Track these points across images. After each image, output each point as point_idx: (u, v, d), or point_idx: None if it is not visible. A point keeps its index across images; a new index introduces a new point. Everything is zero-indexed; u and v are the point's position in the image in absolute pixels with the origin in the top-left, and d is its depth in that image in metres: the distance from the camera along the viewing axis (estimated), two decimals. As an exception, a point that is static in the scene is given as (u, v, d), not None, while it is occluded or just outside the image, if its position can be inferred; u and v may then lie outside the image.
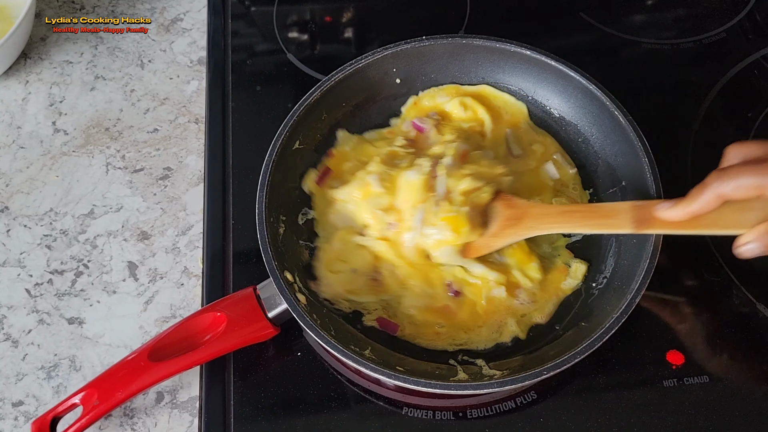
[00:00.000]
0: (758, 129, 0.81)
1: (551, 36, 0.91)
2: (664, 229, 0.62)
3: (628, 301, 0.62)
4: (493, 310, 0.69)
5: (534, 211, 0.68)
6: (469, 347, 0.68)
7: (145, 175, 0.83)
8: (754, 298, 0.70)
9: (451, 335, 0.68)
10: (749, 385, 0.66)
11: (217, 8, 0.95)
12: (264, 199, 0.68)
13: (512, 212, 0.69)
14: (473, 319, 0.69)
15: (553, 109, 0.79)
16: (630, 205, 0.64)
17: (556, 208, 0.69)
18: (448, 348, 0.68)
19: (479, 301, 0.69)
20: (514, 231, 0.68)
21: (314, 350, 0.68)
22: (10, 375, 0.70)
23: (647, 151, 0.69)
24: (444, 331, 0.68)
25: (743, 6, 0.92)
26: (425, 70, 0.80)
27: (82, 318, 0.73)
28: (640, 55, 0.89)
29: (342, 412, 0.65)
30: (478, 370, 0.65)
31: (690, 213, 0.59)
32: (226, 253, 0.74)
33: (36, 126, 0.87)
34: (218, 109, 0.85)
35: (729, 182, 0.56)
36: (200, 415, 0.66)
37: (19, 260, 0.77)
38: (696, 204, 0.58)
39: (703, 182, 0.58)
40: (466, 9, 0.93)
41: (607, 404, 0.65)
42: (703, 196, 0.57)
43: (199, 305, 0.73)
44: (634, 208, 0.63)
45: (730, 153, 0.61)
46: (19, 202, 0.81)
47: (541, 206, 0.69)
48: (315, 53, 0.91)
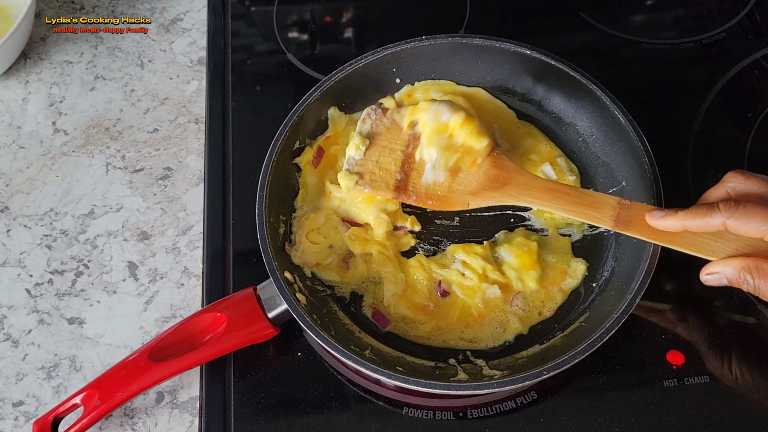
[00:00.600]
0: (758, 129, 0.81)
1: (551, 36, 0.91)
2: (640, 235, 0.62)
3: (628, 301, 0.62)
4: (489, 312, 0.69)
5: (521, 179, 0.68)
6: (475, 347, 0.68)
7: (145, 175, 0.83)
8: (754, 298, 0.70)
9: (443, 335, 0.69)
10: (749, 385, 0.66)
11: (217, 8, 0.95)
12: (264, 199, 0.68)
13: (498, 173, 0.68)
14: (464, 320, 0.69)
15: (553, 109, 0.79)
16: (616, 202, 0.64)
17: (544, 182, 0.68)
18: (450, 346, 0.68)
19: (474, 303, 0.69)
20: (495, 195, 0.68)
21: (314, 350, 0.68)
22: (10, 375, 0.70)
23: (647, 151, 0.69)
24: (432, 328, 0.69)
25: (743, 6, 0.92)
26: (425, 69, 0.80)
27: (82, 318, 0.73)
28: (640, 55, 0.89)
29: (342, 412, 0.65)
30: (478, 370, 0.65)
31: (685, 227, 0.59)
32: (226, 253, 0.74)
33: (36, 126, 0.87)
34: (218, 109, 0.85)
35: (741, 219, 0.56)
36: (200, 415, 0.66)
37: (19, 260, 0.77)
38: (697, 221, 0.58)
39: (713, 205, 0.57)
40: (466, 9, 0.93)
41: (607, 404, 0.65)
42: (709, 218, 0.57)
43: (199, 305, 0.73)
44: (619, 205, 0.63)
45: (731, 181, 0.61)
46: (19, 202, 0.81)
47: (528, 176, 0.68)
48: (315, 53, 0.91)
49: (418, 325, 0.69)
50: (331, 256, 0.72)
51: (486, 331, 0.69)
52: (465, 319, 0.69)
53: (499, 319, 0.69)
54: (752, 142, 0.80)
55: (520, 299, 0.69)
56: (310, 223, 0.73)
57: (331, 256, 0.72)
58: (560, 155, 0.77)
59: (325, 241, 0.72)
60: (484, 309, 0.69)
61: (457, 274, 0.70)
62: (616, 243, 0.71)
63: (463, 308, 0.69)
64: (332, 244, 0.72)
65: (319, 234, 0.73)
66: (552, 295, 0.70)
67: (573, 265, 0.71)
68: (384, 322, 0.69)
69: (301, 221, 0.73)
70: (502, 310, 0.69)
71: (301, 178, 0.76)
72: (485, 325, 0.69)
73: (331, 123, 0.78)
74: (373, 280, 0.72)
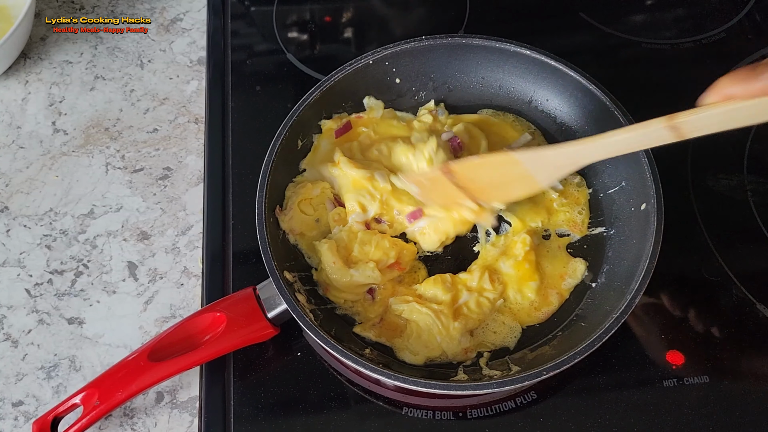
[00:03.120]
0: (758, 129, 0.81)
1: (551, 36, 0.91)
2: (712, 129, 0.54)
3: (628, 301, 0.62)
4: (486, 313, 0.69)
5: (572, 150, 0.62)
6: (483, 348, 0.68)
7: (145, 175, 0.83)
8: (754, 298, 0.70)
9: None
10: (749, 385, 0.66)
11: (216, 8, 0.95)
12: (264, 199, 0.68)
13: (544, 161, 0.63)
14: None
15: (553, 109, 0.79)
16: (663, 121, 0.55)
17: (595, 139, 0.61)
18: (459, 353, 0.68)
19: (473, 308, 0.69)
20: (558, 170, 0.64)
21: (314, 350, 0.68)
22: (10, 375, 0.70)
23: (647, 151, 0.69)
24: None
25: (743, 6, 0.92)
26: (425, 70, 0.80)
27: (82, 318, 0.73)
28: (640, 55, 0.89)
29: (342, 412, 0.65)
30: (478, 370, 0.65)
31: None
32: (226, 253, 0.74)
33: (36, 126, 0.87)
34: (218, 109, 0.85)
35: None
36: (200, 415, 0.66)
37: (19, 260, 0.77)
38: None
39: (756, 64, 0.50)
40: (466, 9, 0.93)
41: (607, 404, 0.65)
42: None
43: (199, 305, 0.73)
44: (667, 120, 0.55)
45: (721, 82, 0.53)
46: (19, 202, 0.81)
47: (579, 143, 0.62)
48: (315, 53, 0.91)
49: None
50: (315, 229, 0.73)
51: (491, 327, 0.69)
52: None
53: (497, 320, 0.69)
54: (752, 142, 0.80)
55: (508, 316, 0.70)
56: (306, 192, 0.74)
57: (316, 230, 0.73)
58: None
59: (314, 213, 0.74)
60: (478, 310, 0.69)
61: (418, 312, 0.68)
62: (616, 243, 0.71)
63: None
64: (319, 218, 0.74)
65: (310, 205, 0.74)
66: (550, 299, 0.70)
67: (572, 266, 0.71)
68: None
69: (297, 188, 0.74)
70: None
71: (316, 141, 0.77)
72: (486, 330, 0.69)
73: (368, 108, 0.80)
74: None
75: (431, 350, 0.66)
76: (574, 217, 0.74)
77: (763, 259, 0.74)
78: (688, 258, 0.73)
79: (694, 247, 0.73)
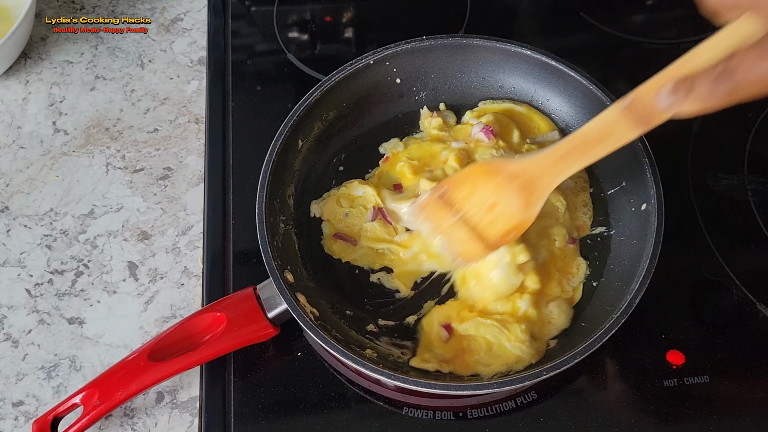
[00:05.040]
0: (758, 129, 0.81)
1: (551, 36, 0.91)
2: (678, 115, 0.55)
3: (628, 301, 0.62)
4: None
5: (536, 170, 0.64)
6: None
7: (145, 175, 0.83)
8: (754, 298, 0.70)
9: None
10: (749, 385, 0.66)
11: (217, 8, 0.95)
12: (264, 199, 0.68)
13: (519, 182, 0.64)
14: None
15: (553, 109, 0.79)
16: (618, 113, 0.58)
17: (552, 154, 0.63)
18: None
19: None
20: (536, 198, 0.64)
21: (314, 350, 0.68)
22: (10, 375, 0.70)
23: (647, 151, 0.69)
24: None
25: (743, 6, 0.92)
26: (425, 70, 0.80)
27: (82, 318, 0.73)
28: (640, 55, 0.89)
29: (342, 412, 0.65)
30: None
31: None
32: (226, 253, 0.74)
33: (36, 126, 0.87)
34: (218, 109, 0.85)
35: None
36: (200, 415, 0.66)
37: (19, 260, 0.77)
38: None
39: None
40: (466, 9, 0.93)
41: (608, 404, 0.65)
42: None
43: (199, 305, 0.73)
44: (623, 112, 0.58)
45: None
46: (19, 202, 0.81)
47: (538, 160, 0.64)
48: (315, 53, 0.91)
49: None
50: (342, 222, 0.74)
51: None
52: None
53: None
54: (752, 142, 0.80)
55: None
56: (350, 187, 0.74)
57: (342, 222, 0.74)
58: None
59: (345, 209, 0.74)
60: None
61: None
62: (616, 243, 0.71)
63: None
64: (348, 212, 0.74)
65: (348, 200, 0.74)
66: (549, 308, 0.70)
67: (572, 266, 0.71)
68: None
69: (348, 183, 0.75)
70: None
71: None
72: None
73: (388, 151, 0.79)
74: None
75: (504, 358, 0.64)
76: (579, 222, 0.74)
77: (763, 259, 0.74)
78: (688, 258, 0.73)
79: (695, 247, 0.73)
